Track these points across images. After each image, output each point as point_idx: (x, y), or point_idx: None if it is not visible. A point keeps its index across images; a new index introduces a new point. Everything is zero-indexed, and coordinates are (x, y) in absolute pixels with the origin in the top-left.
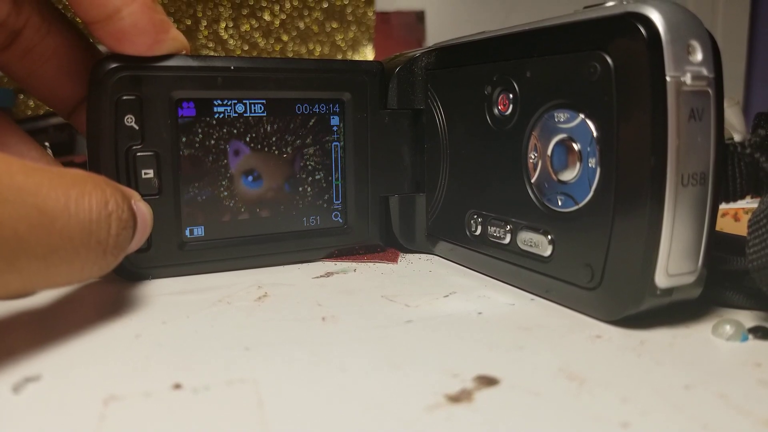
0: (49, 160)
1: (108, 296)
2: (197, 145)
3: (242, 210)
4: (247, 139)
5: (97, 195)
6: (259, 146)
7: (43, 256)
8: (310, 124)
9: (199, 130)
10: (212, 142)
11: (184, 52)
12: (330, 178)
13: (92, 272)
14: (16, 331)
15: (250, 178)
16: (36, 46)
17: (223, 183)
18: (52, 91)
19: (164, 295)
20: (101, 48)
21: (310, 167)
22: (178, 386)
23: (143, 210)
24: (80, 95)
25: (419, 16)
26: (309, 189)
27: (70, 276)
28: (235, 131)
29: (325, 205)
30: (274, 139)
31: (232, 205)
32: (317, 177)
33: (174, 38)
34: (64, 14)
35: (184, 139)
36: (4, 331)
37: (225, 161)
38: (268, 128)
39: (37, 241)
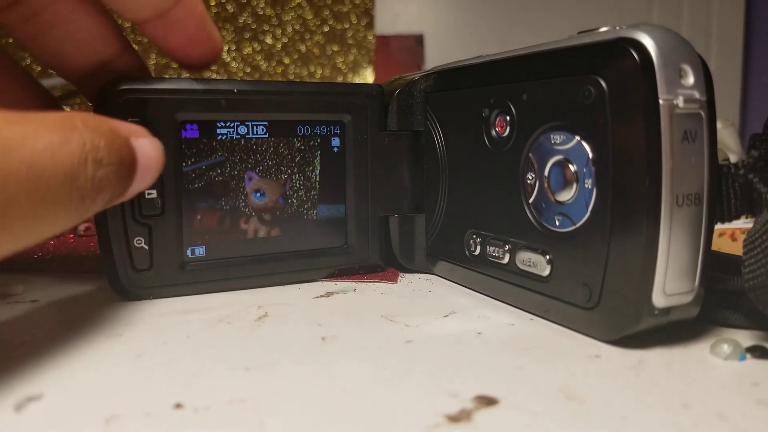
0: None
1: (109, 316)
2: (200, 166)
3: (243, 230)
4: (250, 160)
5: (76, 138)
6: (261, 167)
7: (31, 210)
8: (311, 145)
9: (202, 152)
10: (215, 163)
11: (186, 75)
12: (331, 198)
13: (73, 220)
14: (17, 351)
15: (252, 198)
16: (44, 10)
17: (225, 203)
18: (57, 58)
19: (165, 315)
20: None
21: (311, 188)
22: (179, 406)
23: (147, 147)
24: (89, 64)
25: (418, 40)
26: (310, 209)
27: (54, 227)
28: (237, 153)
29: (325, 226)
30: (275, 160)
31: (233, 225)
32: (318, 198)
33: None
34: None
35: (187, 161)
36: (5, 350)
37: (227, 182)
38: (270, 149)
39: (26, 196)
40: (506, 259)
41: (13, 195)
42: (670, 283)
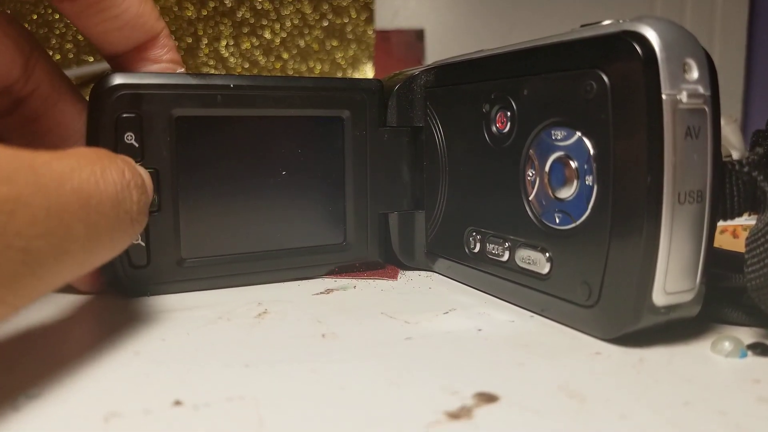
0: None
1: (107, 313)
2: (197, 162)
3: (242, 227)
4: (247, 156)
5: (114, 167)
6: (259, 163)
7: (86, 236)
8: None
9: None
10: (212, 159)
11: (182, 70)
12: (329, 195)
13: (125, 243)
14: (16, 348)
15: (250, 195)
16: (41, 116)
17: (223, 200)
18: None
19: (164, 312)
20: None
21: (309, 184)
22: (178, 403)
23: (144, 174)
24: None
25: (419, 35)
26: (309, 206)
27: (110, 250)
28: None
29: (324, 222)
30: (273, 156)
31: (231, 221)
32: (317, 194)
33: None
34: (74, 86)
35: (183, 157)
36: (4, 348)
37: (224, 178)
38: (268, 146)
39: (80, 222)
40: (506, 257)
41: (69, 223)
42: (671, 282)
